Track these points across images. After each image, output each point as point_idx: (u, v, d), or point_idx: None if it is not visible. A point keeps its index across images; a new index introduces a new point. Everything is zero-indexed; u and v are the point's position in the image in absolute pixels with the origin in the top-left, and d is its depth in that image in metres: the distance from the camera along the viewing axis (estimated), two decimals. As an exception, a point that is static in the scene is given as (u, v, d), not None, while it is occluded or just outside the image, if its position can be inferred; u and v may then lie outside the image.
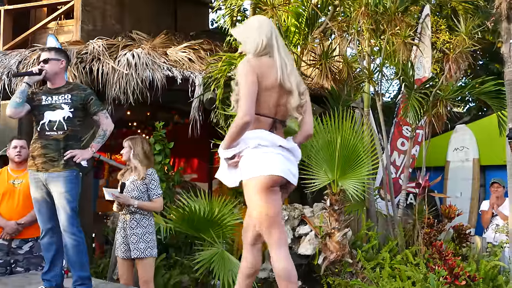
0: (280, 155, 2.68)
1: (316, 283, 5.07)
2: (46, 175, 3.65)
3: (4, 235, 4.56)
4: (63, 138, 3.68)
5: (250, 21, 2.99)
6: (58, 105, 3.72)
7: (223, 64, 6.07)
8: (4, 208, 4.61)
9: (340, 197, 4.94)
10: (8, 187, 4.65)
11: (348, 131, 5.01)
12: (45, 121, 3.70)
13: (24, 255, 4.68)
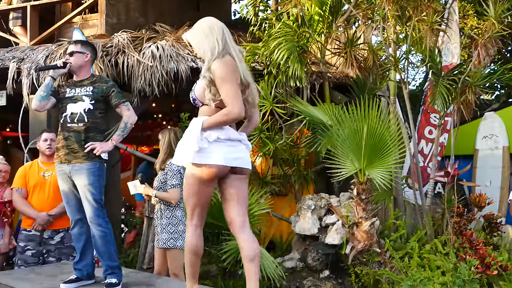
0: (230, 146, 2.87)
1: (343, 272, 5.05)
2: (70, 167, 3.70)
3: (36, 226, 4.66)
4: (84, 130, 3.72)
5: (201, 25, 3.03)
6: (79, 97, 3.76)
7: (247, 54, 6.06)
8: (35, 200, 4.71)
9: (367, 186, 4.88)
10: (39, 179, 4.74)
11: (374, 120, 4.94)
12: (67, 113, 3.75)
13: (55, 245, 4.78)
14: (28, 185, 4.73)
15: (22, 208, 4.69)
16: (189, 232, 2.99)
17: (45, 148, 4.80)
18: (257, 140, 5.95)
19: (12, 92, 6.27)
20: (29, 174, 4.76)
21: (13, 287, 3.82)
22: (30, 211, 4.67)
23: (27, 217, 4.69)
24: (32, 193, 4.73)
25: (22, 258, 4.60)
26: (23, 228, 4.69)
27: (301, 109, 5.58)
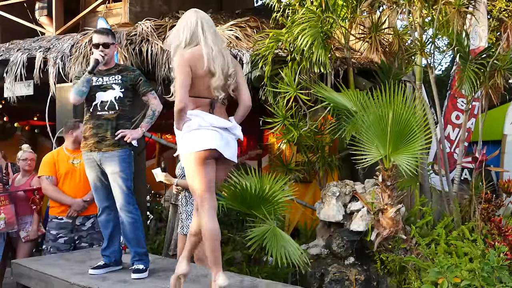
0: (216, 132, 3.06)
1: (369, 259, 5.03)
2: (100, 154, 3.75)
3: (71, 213, 4.75)
4: (114, 118, 3.77)
5: (181, 18, 3.31)
6: (109, 85, 3.80)
7: (270, 41, 6.02)
8: (67, 187, 4.80)
9: (393, 173, 4.83)
10: (69, 166, 4.83)
11: (400, 106, 4.87)
12: (97, 102, 3.78)
13: (87, 231, 4.89)
14: (59, 173, 4.80)
15: (55, 196, 4.75)
16: (206, 217, 3.04)
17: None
18: (281, 127, 5.93)
19: (39, 81, 6.37)
20: (58, 162, 4.82)
21: (43, 272, 3.92)
22: (65, 198, 4.76)
23: (59, 205, 4.75)
24: (63, 180, 4.80)
25: (55, 246, 4.69)
26: (53, 216, 4.76)
27: (325, 95, 5.54)
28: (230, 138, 3.14)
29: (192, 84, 3.06)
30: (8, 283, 5.86)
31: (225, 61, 3.11)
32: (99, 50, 3.81)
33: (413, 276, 4.38)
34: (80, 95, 3.75)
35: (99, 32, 3.88)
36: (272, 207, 4.94)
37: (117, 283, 3.53)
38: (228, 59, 3.14)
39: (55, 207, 4.81)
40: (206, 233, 3.05)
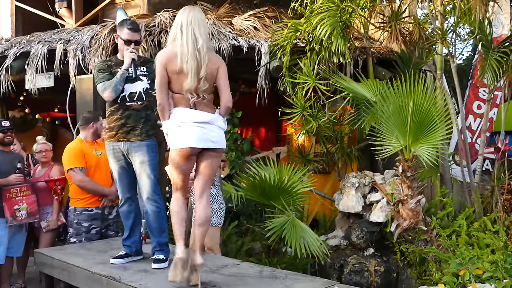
0: (196, 127, 3.12)
1: (388, 250, 5.00)
2: (127, 144, 3.77)
3: (106, 203, 4.80)
4: (142, 108, 3.81)
5: None
6: (137, 77, 3.82)
7: (289, 31, 5.99)
8: (97, 178, 4.82)
9: (413, 163, 4.79)
10: (96, 158, 4.86)
11: (420, 95, 4.81)
12: (125, 94, 3.81)
13: (113, 220, 4.95)
14: (88, 164, 4.80)
15: (93, 187, 4.74)
16: (172, 201, 3.30)
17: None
18: (299, 117, 5.91)
19: (59, 73, 6.42)
20: (87, 153, 4.84)
21: (66, 262, 3.97)
22: (103, 188, 4.80)
23: (89, 196, 4.77)
24: (93, 172, 4.83)
25: (88, 237, 4.72)
26: (82, 208, 4.75)
27: (345, 86, 5.50)
28: (212, 129, 3.18)
29: (173, 81, 3.18)
30: (31, 272, 5.97)
31: (199, 64, 3.12)
32: (131, 47, 3.83)
33: (433, 267, 4.35)
34: (117, 93, 3.78)
35: (132, 29, 3.84)
36: (291, 198, 4.95)
37: (137, 273, 3.56)
38: (204, 61, 3.12)
39: (83, 199, 4.79)
40: (171, 212, 3.30)
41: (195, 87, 3.12)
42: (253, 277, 3.42)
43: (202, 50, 3.12)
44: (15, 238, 5.17)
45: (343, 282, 4.53)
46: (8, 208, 4.94)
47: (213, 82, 3.19)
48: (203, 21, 3.22)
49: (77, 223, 4.76)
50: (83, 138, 4.94)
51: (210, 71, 3.14)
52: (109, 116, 3.87)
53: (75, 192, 4.81)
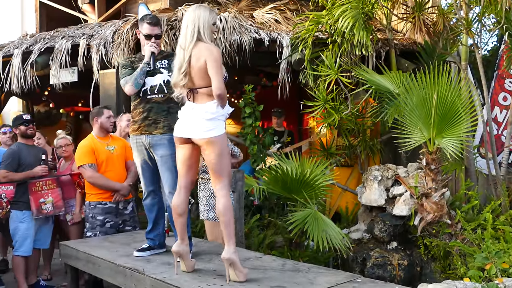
0: (181, 118, 3.28)
1: (412, 244, 4.95)
2: (150, 137, 3.80)
3: (118, 198, 4.85)
4: (164, 101, 3.83)
5: None
6: (157, 70, 3.84)
7: (311, 23, 5.95)
8: (109, 173, 4.87)
9: (437, 156, 4.72)
10: (107, 153, 4.90)
11: (444, 87, 4.73)
12: (146, 87, 3.83)
13: (129, 215, 4.99)
14: (99, 160, 4.84)
15: (104, 182, 4.80)
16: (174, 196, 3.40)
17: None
18: (321, 110, 5.88)
19: (83, 68, 6.50)
20: (97, 149, 4.88)
21: (91, 254, 4.03)
22: (114, 183, 4.84)
23: (102, 191, 4.83)
24: (105, 167, 4.88)
25: (103, 231, 4.77)
26: (96, 202, 4.80)
27: (367, 78, 5.44)
28: (191, 117, 3.22)
29: None
30: (57, 263, 6.08)
31: (183, 59, 3.20)
32: (152, 42, 3.85)
33: (458, 261, 4.30)
34: (138, 87, 3.80)
35: (152, 24, 3.87)
36: (313, 191, 4.93)
37: (161, 265, 3.60)
38: (185, 58, 3.19)
39: (97, 194, 4.84)
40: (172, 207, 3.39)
41: (178, 81, 3.23)
42: (275, 270, 3.43)
43: (185, 48, 3.20)
44: (42, 230, 5.27)
45: (366, 276, 4.49)
46: (34, 201, 5.03)
47: (202, 73, 3.18)
48: (193, 18, 3.23)
49: (92, 216, 4.81)
50: (94, 134, 4.99)
51: (197, 66, 3.17)
52: (133, 110, 3.91)
53: (89, 187, 4.87)
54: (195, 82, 3.22)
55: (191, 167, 3.36)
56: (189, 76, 3.21)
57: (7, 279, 5.73)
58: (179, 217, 3.35)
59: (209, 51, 3.16)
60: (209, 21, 3.21)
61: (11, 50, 7.07)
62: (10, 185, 4.97)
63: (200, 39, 3.19)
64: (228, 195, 3.20)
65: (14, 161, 5.05)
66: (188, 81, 3.22)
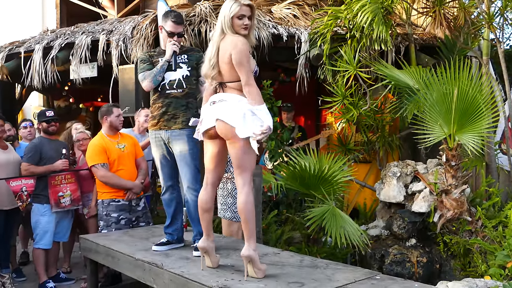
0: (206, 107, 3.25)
1: (431, 241, 4.91)
2: (169, 133, 3.81)
3: (131, 196, 4.88)
4: (183, 96, 3.83)
5: None
6: (177, 64, 3.85)
7: (329, 18, 5.92)
8: (121, 172, 4.91)
9: (457, 152, 4.66)
10: (118, 151, 4.93)
11: (465, 82, 4.67)
12: (165, 82, 3.84)
13: (142, 211, 5.03)
14: (111, 159, 4.87)
15: (117, 181, 4.83)
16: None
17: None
18: (340, 106, 5.85)
19: (102, 63, 6.55)
20: (108, 148, 4.90)
21: (110, 248, 4.07)
22: (126, 182, 4.87)
23: (115, 189, 4.87)
24: (117, 165, 4.91)
25: (118, 228, 4.82)
26: (110, 199, 4.83)
27: (386, 73, 5.39)
28: (210, 108, 3.19)
29: None
30: (76, 256, 6.16)
31: (211, 52, 3.19)
32: (174, 40, 3.87)
33: (479, 259, 4.24)
34: (156, 83, 3.82)
35: (176, 22, 3.88)
36: (331, 187, 4.90)
37: (179, 260, 3.61)
38: (214, 49, 3.17)
39: (109, 192, 4.87)
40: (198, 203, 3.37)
41: (209, 73, 3.20)
42: (293, 266, 3.42)
43: (214, 40, 3.19)
44: (62, 223, 5.33)
45: (384, 273, 4.46)
46: (53, 194, 5.09)
47: (229, 68, 3.13)
48: (220, 12, 3.21)
49: (106, 214, 4.85)
50: (104, 132, 5.01)
51: (223, 60, 3.13)
52: (152, 105, 3.92)
53: (101, 185, 4.91)
54: (224, 76, 3.18)
55: (219, 163, 3.34)
56: (217, 69, 3.17)
57: (27, 271, 5.82)
58: (205, 213, 3.33)
59: (233, 44, 3.11)
60: (229, 14, 3.14)
61: (32, 45, 7.15)
62: (30, 179, 5.04)
63: (226, 32, 3.16)
64: (250, 192, 3.15)
65: (35, 155, 5.12)
66: (217, 74, 3.19)
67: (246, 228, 3.13)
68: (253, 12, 3.23)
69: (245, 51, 3.09)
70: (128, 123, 5.85)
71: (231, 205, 4.54)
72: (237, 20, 3.15)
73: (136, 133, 5.66)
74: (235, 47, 3.09)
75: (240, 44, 3.10)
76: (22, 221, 5.78)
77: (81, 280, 5.46)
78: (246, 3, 3.18)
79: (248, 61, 3.11)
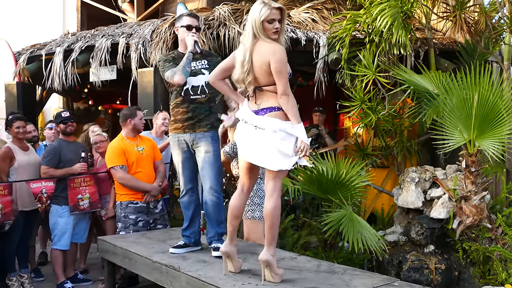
0: (245, 131, 3.24)
1: (450, 248, 4.85)
2: (193, 135, 3.85)
3: (149, 198, 4.92)
4: (206, 101, 3.88)
5: None
6: (198, 70, 3.87)
7: (348, 23, 5.89)
8: (140, 174, 4.94)
9: (477, 158, 4.61)
10: (137, 154, 4.96)
11: (486, 88, 4.61)
12: (188, 86, 3.87)
13: (159, 213, 5.06)
14: (129, 161, 4.91)
15: (135, 184, 4.87)
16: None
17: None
18: (358, 110, 5.81)
19: (121, 66, 6.60)
20: (127, 151, 4.94)
21: (128, 250, 4.10)
22: (144, 185, 4.91)
23: (133, 192, 4.90)
24: (135, 168, 4.94)
25: (135, 230, 4.85)
26: (128, 201, 4.87)
27: (405, 78, 5.35)
28: (263, 137, 3.08)
29: None
30: (94, 258, 6.21)
31: (243, 57, 3.10)
32: (192, 32, 3.90)
33: (499, 267, 4.18)
34: (187, 75, 3.83)
35: (192, 16, 3.97)
36: (349, 192, 4.88)
37: (196, 263, 3.63)
38: (247, 54, 3.09)
39: (128, 194, 4.91)
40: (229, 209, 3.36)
41: (241, 79, 3.14)
42: (311, 271, 3.41)
43: (245, 45, 3.11)
44: (80, 225, 5.38)
45: (402, 279, 4.42)
46: (72, 197, 5.15)
47: (266, 74, 3.07)
48: (249, 16, 3.16)
49: (124, 216, 4.88)
50: (124, 135, 5.05)
51: (259, 65, 3.07)
52: (174, 109, 3.93)
53: (120, 187, 4.94)
54: (260, 80, 3.12)
55: (254, 174, 3.36)
56: (252, 74, 3.11)
57: (46, 271, 5.89)
58: (236, 219, 3.33)
59: (272, 51, 3.04)
60: (259, 18, 3.06)
61: (53, 48, 7.25)
62: (50, 181, 5.10)
63: (258, 37, 3.08)
64: (279, 197, 3.15)
65: (54, 158, 5.18)
66: (252, 79, 3.12)
67: (269, 233, 3.12)
68: (283, 15, 3.14)
69: (284, 60, 3.05)
70: (146, 125, 5.89)
71: (258, 205, 4.51)
72: (267, 24, 3.08)
73: (154, 136, 5.70)
74: (274, 55, 3.03)
75: (279, 52, 3.04)
76: (41, 222, 5.85)
77: (98, 281, 5.50)
78: (276, 6, 3.10)
79: (287, 70, 3.09)
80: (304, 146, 3.01)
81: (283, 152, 3.03)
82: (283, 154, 3.04)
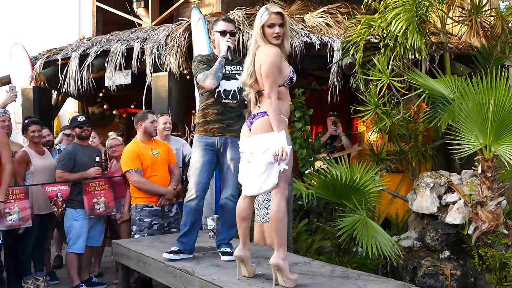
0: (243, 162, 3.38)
1: (465, 254, 4.80)
2: (223, 139, 3.85)
3: (164, 202, 4.94)
4: (237, 106, 3.89)
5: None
6: (232, 75, 3.88)
7: (362, 27, 5.88)
8: (154, 178, 4.96)
9: (493, 164, 4.56)
10: (152, 158, 4.98)
11: (502, 92, 4.57)
12: (220, 89, 3.87)
13: (174, 217, 5.08)
14: (144, 165, 4.93)
15: (150, 187, 4.90)
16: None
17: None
18: (372, 115, 5.79)
19: (136, 70, 6.65)
20: (142, 154, 4.96)
21: (142, 253, 4.11)
22: (159, 188, 4.93)
23: (148, 195, 4.92)
24: (150, 171, 4.96)
25: (150, 233, 4.87)
26: (143, 204, 4.89)
27: (420, 82, 5.32)
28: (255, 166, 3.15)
29: None
30: (108, 261, 6.25)
31: (248, 61, 3.17)
32: (227, 37, 3.90)
33: (515, 273, 4.13)
34: (219, 80, 3.83)
35: (227, 21, 3.95)
36: (363, 197, 4.86)
37: (210, 267, 3.63)
38: (251, 58, 3.16)
39: (143, 197, 4.92)
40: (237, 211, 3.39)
41: (247, 82, 3.20)
42: (324, 276, 3.40)
43: (250, 49, 3.19)
44: (95, 228, 5.42)
45: (417, 285, 4.39)
46: (88, 201, 5.18)
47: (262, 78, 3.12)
48: (256, 18, 3.20)
49: (139, 219, 4.90)
50: (139, 138, 5.08)
51: (258, 69, 3.13)
52: (204, 110, 3.92)
53: (135, 191, 4.97)
54: (260, 84, 3.16)
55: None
56: (254, 78, 3.16)
57: (61, 274, 5.93)
58: (243, 221, 3.33)
59: (263, 54, 3.10)
60: (259, 23, 3.12)
61: (69, 52, 7.33)
62: (65, 185, 5.15)
63: (259, 43, 3.14)
64: (283, 200, 3.13)
65: (69, 162, 5.22)
66: (254, 82, 3.18)
67: (276, 237, 3.12)
68: (284, 20, 3.15)
69: (274, 63, 3.06)
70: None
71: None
72: (268, 29, 3.12)
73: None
74: (263, 56, 3.09)
75: (270, 56, 3.07)
76: (57, 225, 5.90)
77: (113, 284, 5.53)
78: (275, 11, 3.12)
79: (276, 73, 3.09)
80: (279, 151, 2.99)
81: (271, 162, 3.04)
82: (271, 164, 3.05)
